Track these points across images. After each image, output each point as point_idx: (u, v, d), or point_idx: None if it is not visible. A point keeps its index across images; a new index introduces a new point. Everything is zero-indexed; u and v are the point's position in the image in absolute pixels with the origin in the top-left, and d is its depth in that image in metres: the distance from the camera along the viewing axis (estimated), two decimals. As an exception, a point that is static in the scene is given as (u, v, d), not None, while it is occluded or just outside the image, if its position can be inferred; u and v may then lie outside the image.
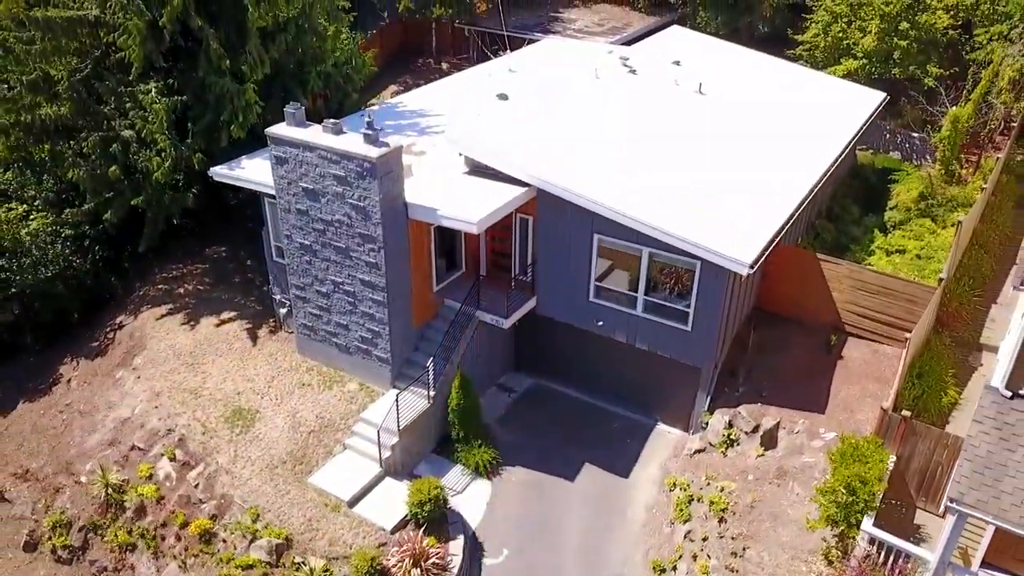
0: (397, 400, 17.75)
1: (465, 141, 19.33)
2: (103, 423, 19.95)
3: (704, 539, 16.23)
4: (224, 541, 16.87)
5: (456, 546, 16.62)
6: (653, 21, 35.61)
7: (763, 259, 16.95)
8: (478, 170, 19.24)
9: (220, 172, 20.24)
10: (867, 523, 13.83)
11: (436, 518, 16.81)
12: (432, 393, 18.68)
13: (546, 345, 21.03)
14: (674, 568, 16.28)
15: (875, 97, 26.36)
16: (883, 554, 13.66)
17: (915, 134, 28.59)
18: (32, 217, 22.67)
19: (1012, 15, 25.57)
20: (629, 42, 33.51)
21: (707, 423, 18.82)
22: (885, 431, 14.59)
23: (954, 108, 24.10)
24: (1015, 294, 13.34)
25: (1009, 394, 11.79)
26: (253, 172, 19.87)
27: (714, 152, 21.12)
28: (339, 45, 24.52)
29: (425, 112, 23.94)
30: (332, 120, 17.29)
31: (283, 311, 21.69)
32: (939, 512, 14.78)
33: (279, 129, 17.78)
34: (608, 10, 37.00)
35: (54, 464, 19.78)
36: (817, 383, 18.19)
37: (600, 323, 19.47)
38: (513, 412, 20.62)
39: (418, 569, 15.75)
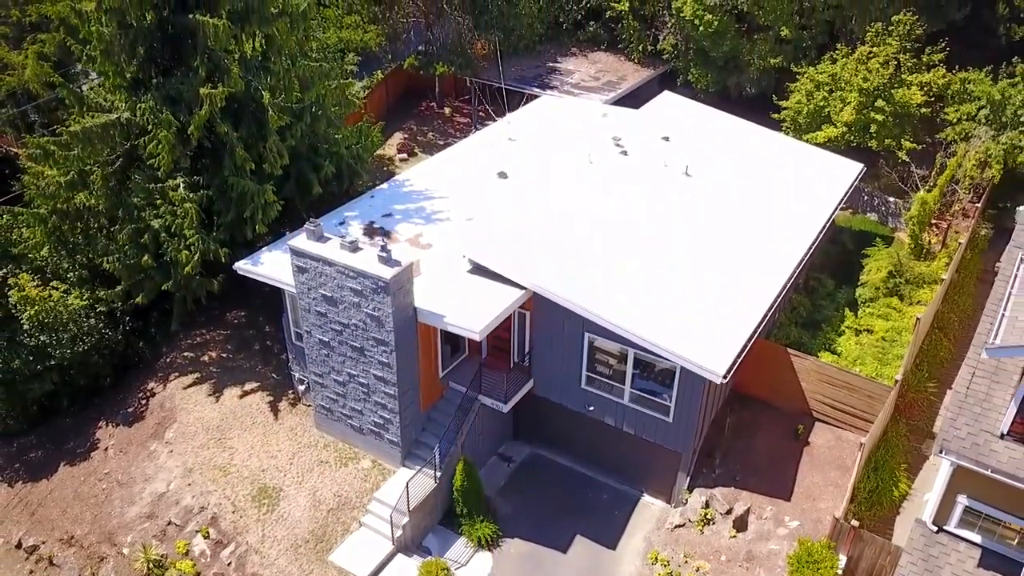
0: (407, 486, 19.83)
1: (470, 248, 21.20)
2: (140, 496, 22.04)
3: (680, 618, 18.37)
4: (255, 616, 19.01)
5: (461, 621, 18.76)
6: (647, 74, 37.18)
7: (737, 364, 18.90)
8: (481, 269, 21.14)
9: (244, 268, 22.12)
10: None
11: (443, 594, 18.95)
12: (438, 474, 20.75)
13: (543, 418, 23.04)
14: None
15: (853, 170, 28.10)
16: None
17: (891, 198, 30.43)
18: (70, 295, 24.52)
19: (980, 96, 27.26)
20: (624, 98, 35.25)
21: (687, 500, 20.92)
22: (837, 535, 16.66)
23: (921, 192, 25.89)
24: (967, 377, 14.90)
25: (935, 528, 13.77)
26: (274, 269, 21.73)
27: (698, 241, 22.96)
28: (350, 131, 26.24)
29: (430, 193, 25.73)
30: (350, 240, 19.12)
31: (302, 388, 23.71)
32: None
33: (300, 243, 19.66)
34: (604, 60, 38.52)
35: (97, 533, 21.89)
36: (785, 470, 20.25)
37: (591, 408, 21.51)
38: (512, 482, 22.68)
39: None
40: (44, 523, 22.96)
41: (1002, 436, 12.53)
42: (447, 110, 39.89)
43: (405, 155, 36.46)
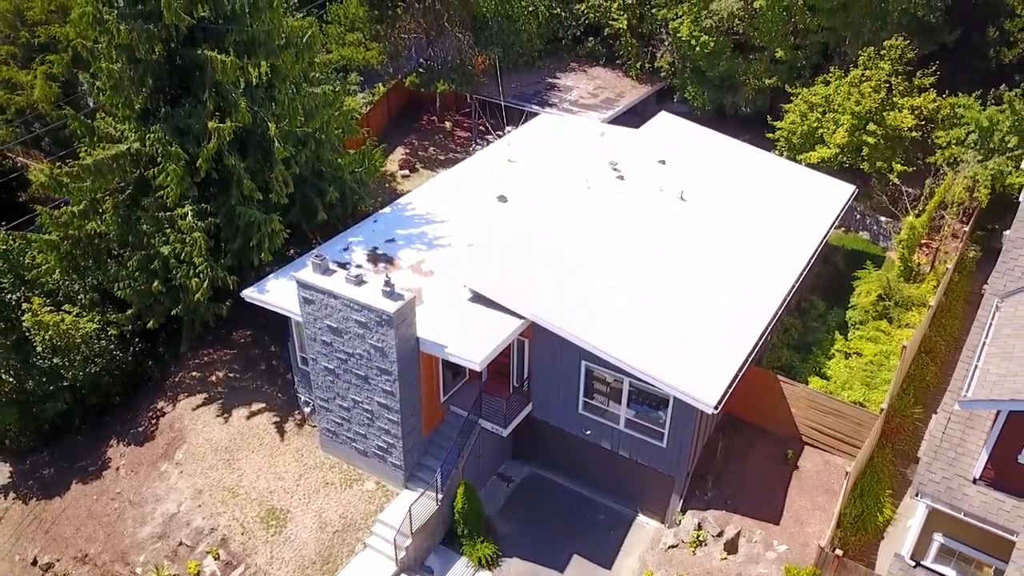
0: (410, 509, 20.58)
1: (471, 278, 21.89)
2: (152, 516, 22.80)
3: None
4: (264, 634, 19.79)
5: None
6: (644, 91, 37.77)
7: (728, 393, 19.60)
8: (481, 297, 21.82)
9: (251, 296, 22.81)
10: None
11: (445, 616, 19.72)
12: (440, 496, 21.50)
13: (541, 440, 23.75)
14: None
15: (845, 192, 28.74)
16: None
17: (883, 218, 31.09)
18: (82, 318, 25.19)
19: (969, 122, 27.89)
20: (621, 116, 35.86)
21: (680, 521, 21.67)
22: (822, 564, 17.40)
23: (911, 217, 26.55)
24: (943, 422, 15.57)
25: (913, 563, 14.51)
26: (281, 297, 22.41)
27: (692, 267, 23.62)
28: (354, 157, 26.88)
29: (432, 218, 26.38)
30: (355, 274, 19.79)
31: (307, 409, 24.44)
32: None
33: (307, 276, 20.33)
34: (603, 76, 39.09)
35: (110, 552, 22.66)
36: (774, 495, 20.98)
37: (588, 432, 22.25)
38: (511, 502, 23.41)
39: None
40: (58, 540, 23.74)
41: (974, 481, 13.23)
42: (448, 124, 40.47)
43: (407, 171, 37.07)
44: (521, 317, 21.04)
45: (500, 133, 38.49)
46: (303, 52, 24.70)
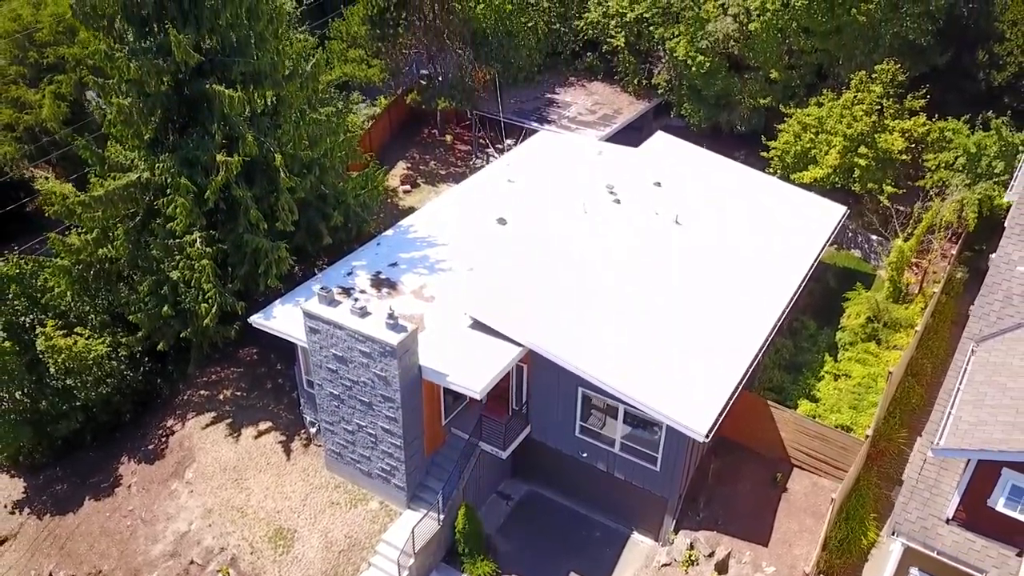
0: (413, 531, 21.40)
1: (471, 306, 22.64)
2: (164, 534, 23.62)
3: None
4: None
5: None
6: (642, 107, 38.40)
7: (720, 421, 20.37)
8: (481, 324, 22.56)
9: (259, 322, 23.58)
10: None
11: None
12: (441, 517, 22.32)
13: (540, 459, 24.52)
14: None
15: (836, 213, 29.44)
16: None
17: (874, 237, 31.80)
18: (94, 341, 25.92)
19: (957, 147, 28.58)
20: (618, 133, 36.51)
21: (673, 540, 22.48)
22: (807, 588, 18.21)
23: (900, 240, 27.26)
24: (919, 464, 16.24)
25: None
26: (288, 324, 23.16)
27: (686, 292, 24.34)
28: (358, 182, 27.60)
29: (433, 241, 27.08)
30: (359, 306, 20.53)
31: (313, 429, 25.23)
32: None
33: (313, 307, 21.09)
34: (601, 91, 39.71)
35: (124, 569, 23.48)
36: (763, 517, 21.79)
37: (584, 455, 23.04)
38: (511, 521, 24.22)
39: None
40: (73, 557, 24.56)
41: (947, 521, 13.98)
42: (448, 137, 41.11)
43: (408, 187, 37.75)
44: (520, 345, 21.80)
45: (500, 146, 39.18)
46: (307, 82, 25.35)
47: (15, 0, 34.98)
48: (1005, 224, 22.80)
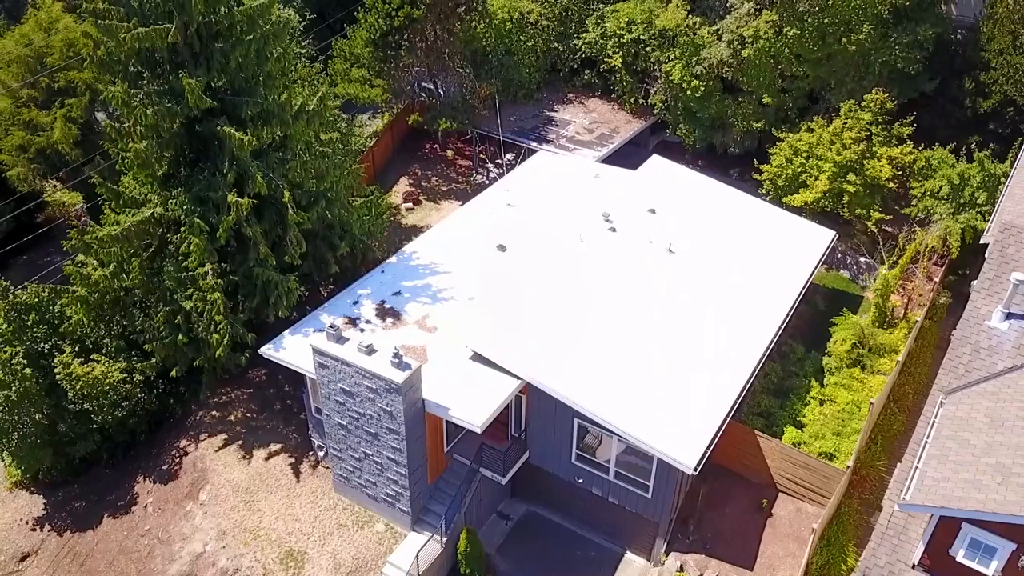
0: (417, 555, 22.61)
1: (472, 339, 23.73)
2: (180, 555, 24.83)
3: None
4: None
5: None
6: (639, 126, 39.25)
7: (708, 453, 21.49)
8: (482, 357, 23.65)
9: (269, 353, 24.66)
10: None
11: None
12: (444, 540, 23.53)
13: (537, 481, 25.71)
14: None
15: (825, 238, 30.42)
16: None
17: (862, 258, 32.82)
18: (110, 367, 27.00)
19: (942, 178, 29.52)
20: (615, 154, 37.39)
21: (664, 561, 23.70)
22: (787, 615, 19.40)
23: (885, 268, 28.28)
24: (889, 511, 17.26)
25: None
26: (297, 356, 24.25)
27: (679, 322, 25.38)
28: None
29: (436, 268, 28.12)
30: (367, 344, 21.60)
31: (321, 453, 26.39)
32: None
33: (321, 344, 22.16)
34: (599, 109, 40.54)
35: (142, 587, 24.74)
36: (749, 541, 22.99)
37: (580, 480, 24.22)
38: (510, 540, 25.43)
39: None
40: (93, 574, 25.78)
41: (913, 567, 15.09)
42: (449, 153, 41.98)
43: (411, 204, 38.71)
44: (519, 378, 22.90)
45: (500, 161, 40.11)
46: (314, 119, 26.28)
47: (26, 25, 35.75)
48: (986, 256, 23.77)
